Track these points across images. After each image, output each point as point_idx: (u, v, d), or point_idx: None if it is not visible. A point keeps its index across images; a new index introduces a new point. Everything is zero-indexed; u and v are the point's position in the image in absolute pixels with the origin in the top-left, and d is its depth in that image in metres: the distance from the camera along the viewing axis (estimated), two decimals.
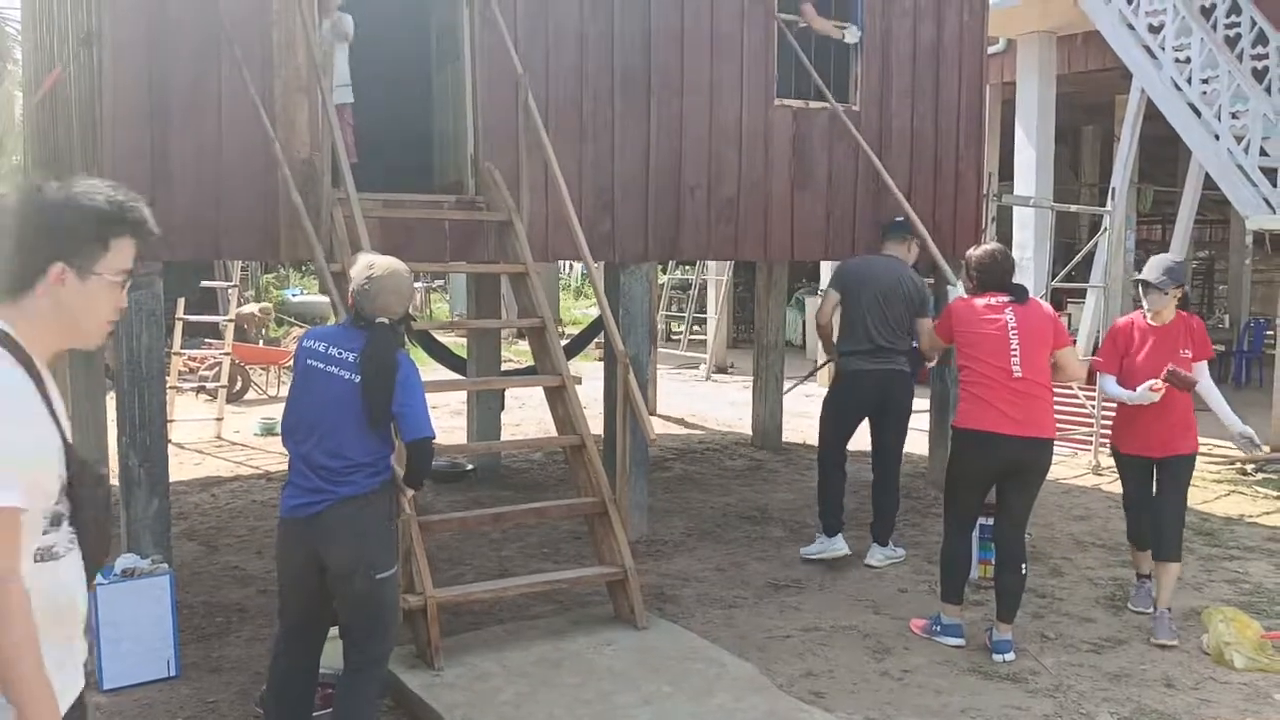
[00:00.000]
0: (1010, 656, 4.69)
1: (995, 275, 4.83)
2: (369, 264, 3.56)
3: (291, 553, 3.54)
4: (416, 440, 3.50)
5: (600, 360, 9.91)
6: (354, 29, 6.23)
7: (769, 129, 7.01)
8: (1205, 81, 9.56)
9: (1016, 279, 4.99)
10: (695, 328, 17.85)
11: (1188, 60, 9.69)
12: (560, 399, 5.52)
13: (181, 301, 10.13)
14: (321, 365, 3.49)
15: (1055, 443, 4.85)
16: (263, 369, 12.80)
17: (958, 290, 5.91)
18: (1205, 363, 5.08)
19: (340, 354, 3.47)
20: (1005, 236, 11.68)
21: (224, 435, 10.12)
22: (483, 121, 6.06)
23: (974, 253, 4.96)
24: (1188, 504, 5.29)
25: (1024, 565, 4.78)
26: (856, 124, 7.22)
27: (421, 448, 3.51)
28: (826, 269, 14.47)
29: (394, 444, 3.63)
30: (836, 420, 6.29)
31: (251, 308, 11.50)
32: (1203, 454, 8.94)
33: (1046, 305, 5.11)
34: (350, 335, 3.52)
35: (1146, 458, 5.09)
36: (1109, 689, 4.43)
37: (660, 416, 11.55)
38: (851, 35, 7.24)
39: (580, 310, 23.77)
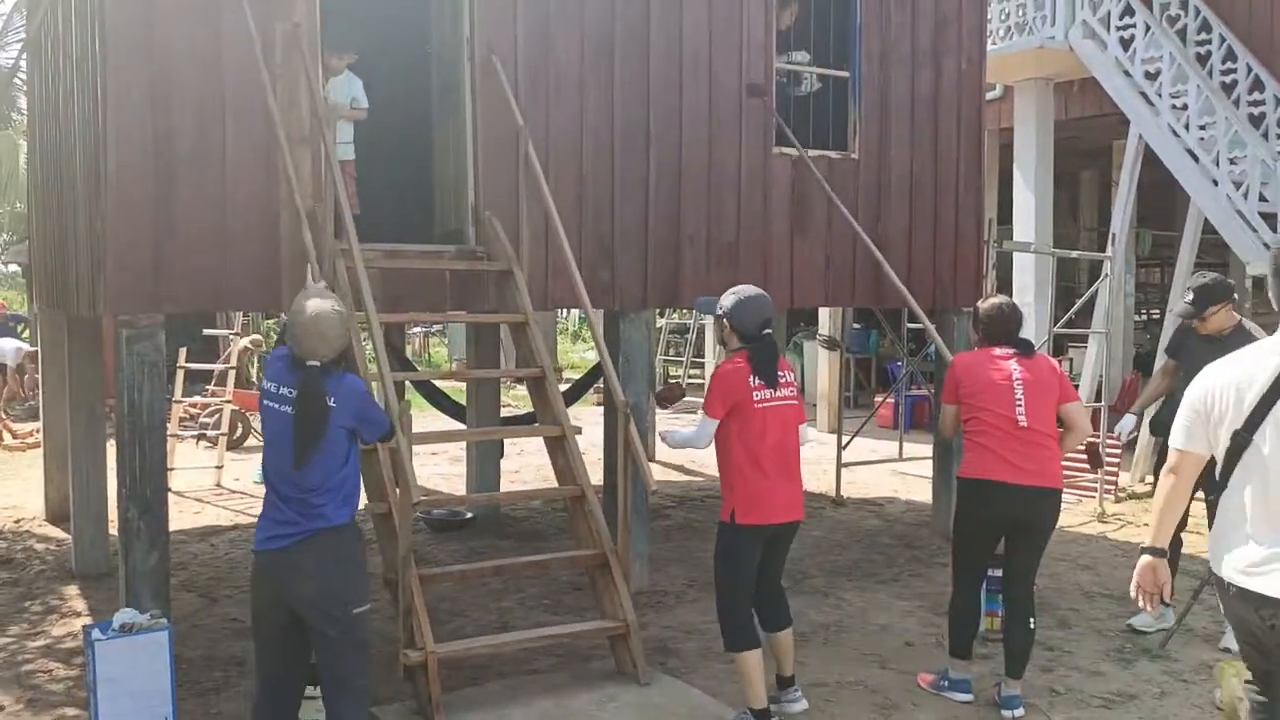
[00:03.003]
0: (1020, 712, 4.63)
1: (1002, 328, 4.81)
2: (296, 304, 3.66)
3: (263, 589, 3.61)
4: (383, 436, 3.92)
5: (600, 405, 9.89)
6: (363, 98, 6.26)
7: (768, 177, 7.04)
8: (1203, 127, 9.64)
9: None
10: (693, 371, 17.83)
11: (1185, 106, 9.77)
12: (560, 449, 5.50)
13: (183, 350, 10.11)
14: (276, 405, 3.63)
15: (1062, 494, 4.82)
16: None
17: None
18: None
19: (287, 391, 3.58)
20: (1005, 282, 11.71)
21: (224, 483, 10.08)
22: (483, 172, 6.09)
23: (982, 305, 4.95)
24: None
25: (1032, 620, 4.72)
26: (856, 171, 7.25)
27: (389, 438, 3.96)
28: (825, 314, 14.51)
29: (357, 467, 3.73)
30: None
31: (242, 342, 11.49)
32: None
33: (1052, 360, 5.08)
34: (289, 374, 3.62)
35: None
36: None
37: (659, 463, 11.49)
38: None
39: (578, 354, 23.77)
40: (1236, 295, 5.79)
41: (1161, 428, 5.93)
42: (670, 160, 6.69)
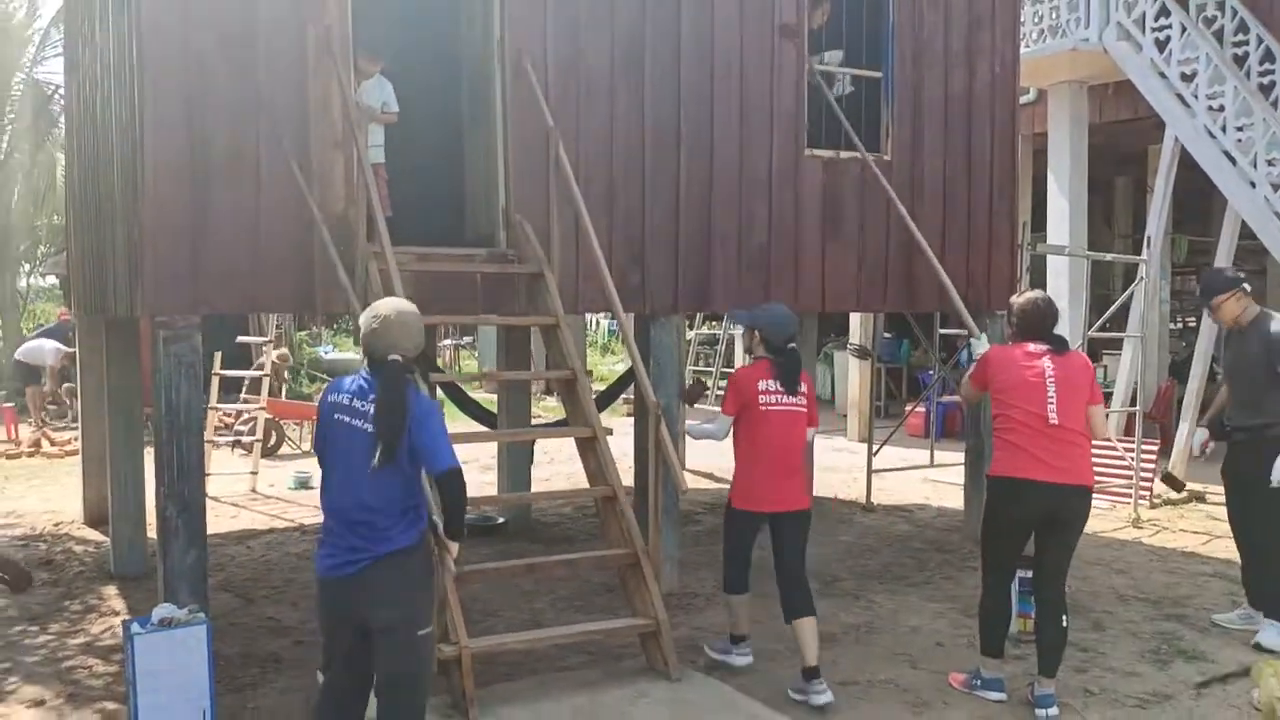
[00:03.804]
0: (1054, 711, 4.58)
1: (1036, 323, 4.78)
2: (374, 307, 3.62)
3: (331, 611, 3.56)
4: (443, 473, 3.42)
5: (630, 416, 9.92)
6: (393, 101, 6.35)
7: (799, 178, 7.05)
8: (1240, 129, 9.55)
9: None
10: (723, 383, 17.82)
11: (1221, 108, 9.68)
12: (592, 450, 5.52)
13: (218, 357, 10.24)
14: (347, 419, 3.48)
15: (1093, 493, 4.78)
16: (296, 424, 12.89)
17: (981, 344, 5.87)
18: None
19: (362, 405, 3.45)
20: (1039, 287, 11.61)
21: (259, 489, 10.18)
22: (514, 174, 6.14)
23: (1016, 299, 4.93)
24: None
25: (1064, 617, 4.68)
26: (888, 174, 7.24)
27: (450, 480, 3.43)
28: (856, 323, 14.46)
29: (425, 492, 3.60)
30: None
31: (270, 355, 11.61)
32: None
33: (1085, 357, 5.05)
34: (368, 385, 3.48)
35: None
36: None
37: (689, 470, 11.48)
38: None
39: (607, 366, 23.83)
40: (1247, 286, 5.78)
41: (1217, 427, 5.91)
42: (701, 162, 6.71)
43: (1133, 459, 9.02)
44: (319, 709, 3.68)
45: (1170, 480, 8.90)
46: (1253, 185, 9.41)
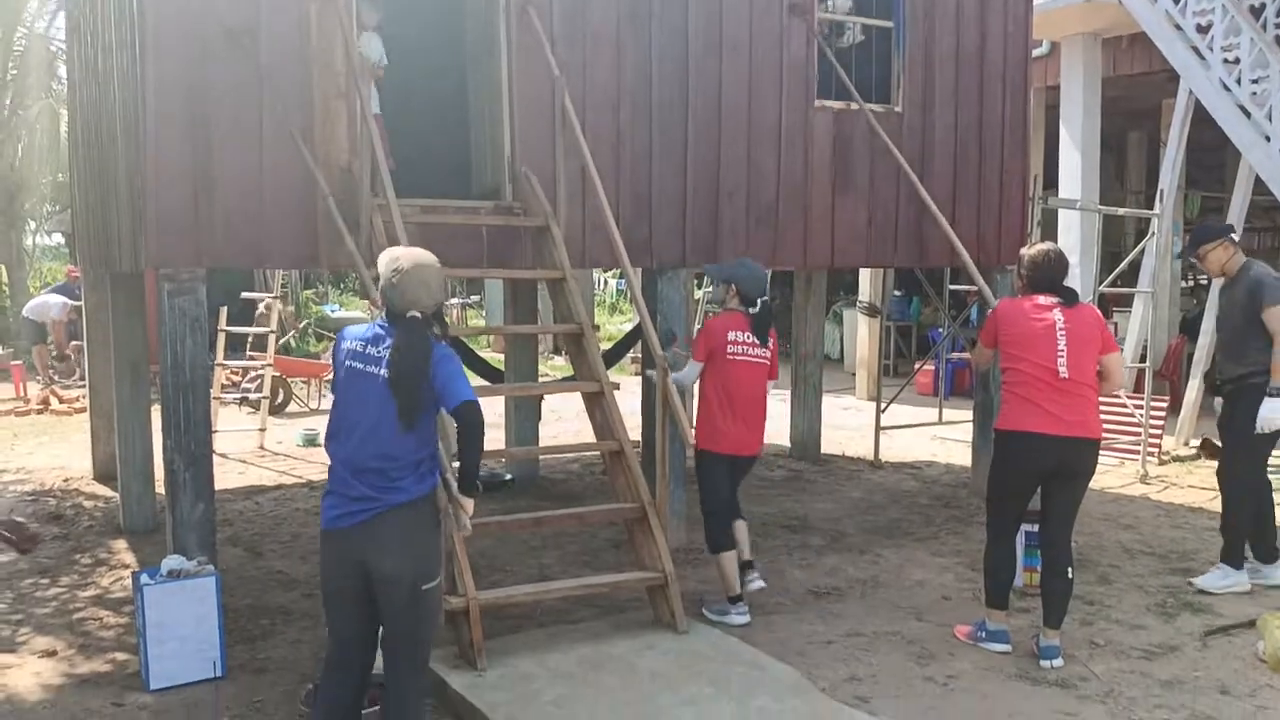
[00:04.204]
0: (1058, 662, 4.60)
1: (1047, 275, 4.73)
2: (394, 258, 3.47)
3: (337, 564, 3.43)
4: (460, 406, 3.33)
5: (637, 375, 9.89)
6: (384, 56, 6.27)
7: (809, 131, 6.97)
8: (1255, 82, 9.40)
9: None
10: None
11: (1237, 60, 9.53)
12: (598, 405, 5.51)
13: (223, 313, 10.22)
14: (361, 365, 3.41)
15: (1101, 447, 4.75)
16: (304, 382, 12.90)
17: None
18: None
19: (377, 352, 3.39)
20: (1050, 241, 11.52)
21: (266, 446, 10.21)
22: (519, 126, 6.07)
23: (1027, 251, 4.88)
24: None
25: (1070, 570, 4.68)
26: (899, 126, 7.15)
27: (467, 414, 3.33)
28: (866, 280, 14.38)
29: (437, 442, 3.53)
30: None
31: (275, 309, 11.56)
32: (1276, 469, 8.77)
33: (1095, 310, 5.00)
34: (384, 333, 3.42)
35: None
36: (1161, 696, 4.33)
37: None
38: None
39: (615, 326, 23.76)
40: (1235, 236, 5.79)
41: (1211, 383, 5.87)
42: (709, 114, 6.63)
43: (1141, 415, 8.98)
44: (326, 676, 3.57)
45: (1209, 448, 8.92)
46: (1267, 139, 9.28)
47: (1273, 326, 5.41)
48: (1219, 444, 5.92)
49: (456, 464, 3.45)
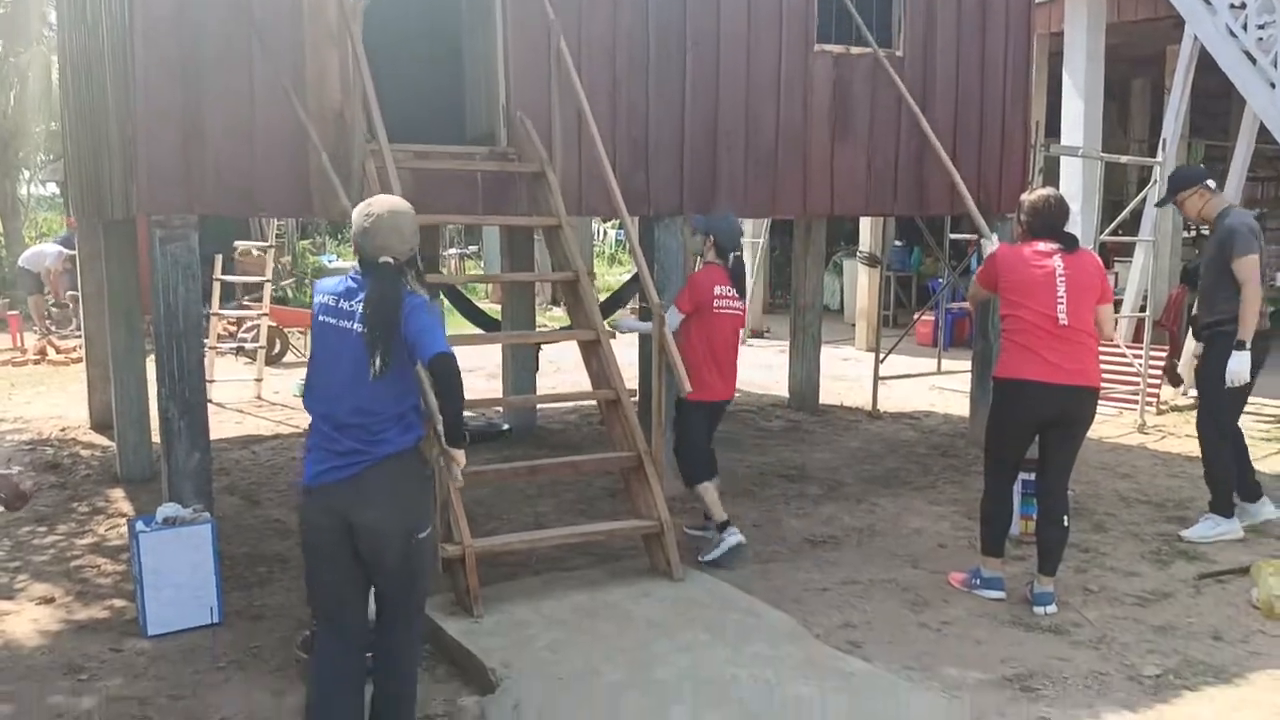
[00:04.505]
0: (1052, 609, 4.61)
1: (1047, 221, 4.69)
2: (367, 203, 3.39)
3: (323, 522, 3.29)
4: (434, 359, 3.21)
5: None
6: None
7: (808, 76, 6.86)
8: (1261, 27, 9.25)
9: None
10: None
11: (1243, 5, 9.38)
12: (594, 353, 5.48)
13: (219, 262, 10.16)
14: (334, 320, 3.31)
15: (1100, 397, 4.73)
16: (300, 332, 12.87)
17: (992, 244, 5.78)
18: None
19: (350, 306, 3.28)
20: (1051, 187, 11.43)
21: (263, 396, 10.21)
22: (514, 70, 5.98)
23: (1028, 196, 4.82)
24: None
25: (1066, 518, 4.69)
26: (899, 71, 7.04)
27: (442, 365, 3.21)
28: (866, 230, 14.30)
29: (419, 392, 3.45)
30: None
31: (271, 259, 11.48)
32: (1251, 412, 8.77)
33: (1096, 257, 4.95)
34: (356, 285, 3.30)
35: None
36: (1154, 641, 4.35)
37: None
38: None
39: (614, 277, 23.67)
40: (1211, 183, 5.77)
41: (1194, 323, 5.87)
42: (707, 58, 6.53)
43: (1140, 365, 8.96)
44: (319, 660, 3.41)
45: (1171, 374, 8.98)
46: (1272, 86, 9.16)
47: (1241, 276, 5.39)
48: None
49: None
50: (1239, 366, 5.39)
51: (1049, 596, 4.63)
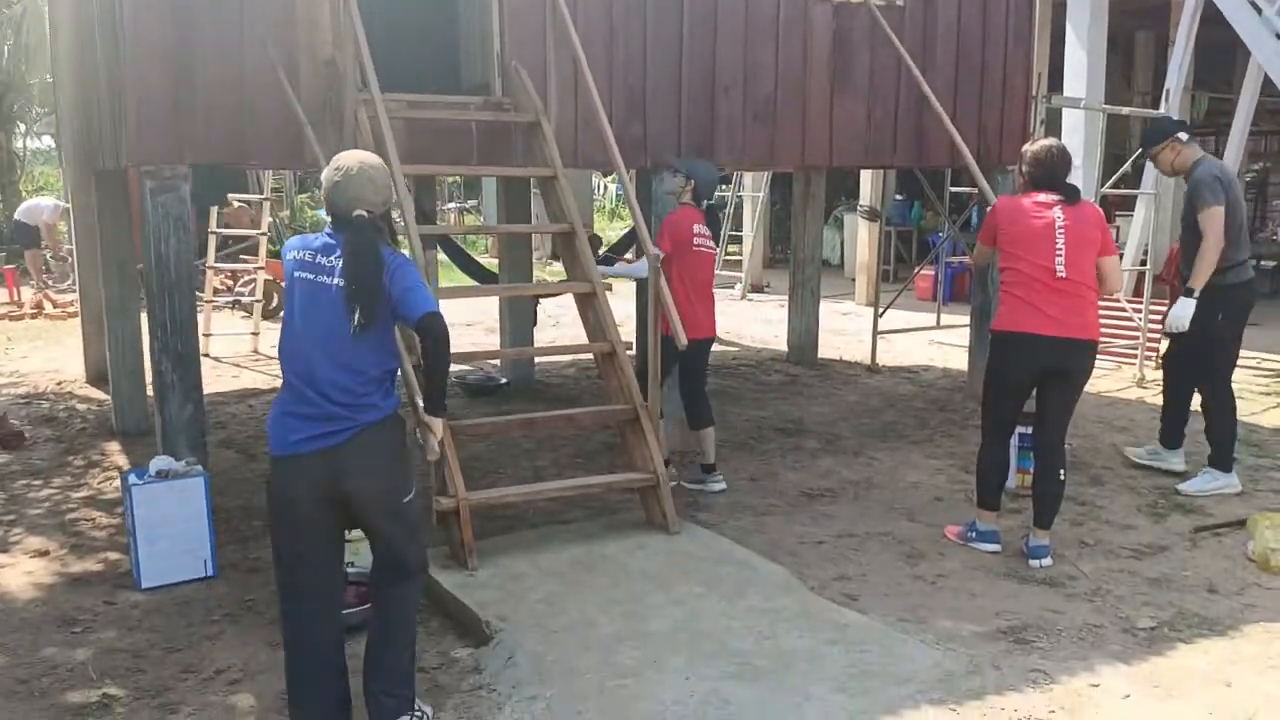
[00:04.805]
0: (1047, 562, 4.61)
1: (1049, 172, 4.62)
2: (335, 159, 3.25)
3: (300, 494, 3.12)
4: (423, 318, 3.07)
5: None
6: None
7: (808, 25, 6.74)
8: None
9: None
10: (731, 247, 17.59)
11: None
12: (590, 306, 5.44)
13: (214, 214, 10.07)
14: (311, 276, 3.13)
15: (1099, 350, 4.69)
16: None
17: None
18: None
19: (328, 262, 3.11)
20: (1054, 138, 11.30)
21: (260, 350, 10.17)
22: (509, 18, 5.88)
23: (1030, 147, 4.75)
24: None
25: (1063, 472, 4.67)
26: (900, 19, 6.93)
27: (431, 326, 3.07)
28: (866, 184, 14.18)
29: (400, 355, 3.33)
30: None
31: (267, 212, 11.38)
32: (1250, 366, 8.75)
33: (1097, 208, 4.88)
34: (334, 241, 3.14)
35: None
36: (1149, 594, 4.35)
37: None
38: None
39: (615, 231, 23.54)
40: (1183, 135, 5.67)
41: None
42: (705, 7, 6.41)
43: (1140, 319, 8.92)
44: (294, 644, 3.25)
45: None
46: (1277, 37, 9.03)
47: (1203, 226, 5.35)
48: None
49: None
50: (1183, 310, 5.40)
51: (1044, 550, 4.63)
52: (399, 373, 3.34)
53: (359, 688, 3.30)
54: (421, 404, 3.31)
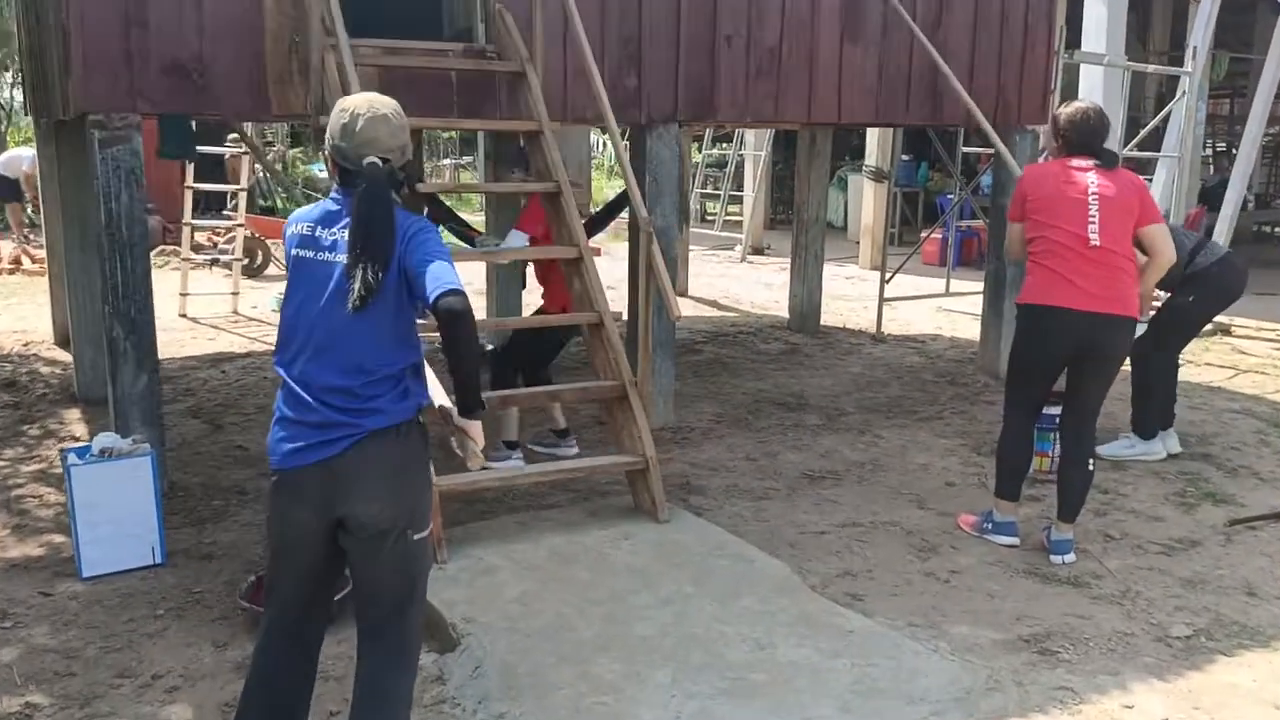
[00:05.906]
0: (1070, 558, 4.23)
1: (1085, 136, 4.18)
2: (341, 104, 2.69)
3: (294, 516, 2.62)
4: (442, 296, 2.45)
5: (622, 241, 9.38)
6: None
7: None
8: None
9: None
10: (731, 208, 17.12)
11: None
12: (577, 273, 5.03)
13: (191, 169, 9.60)
14: (312, 253, 2.59)
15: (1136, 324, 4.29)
16: (280, 242, 12.37)
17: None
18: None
19: (331, 235, 2.58)
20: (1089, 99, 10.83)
21: (240, 310, 9.76)
22: None
23: (1064, 109, 4.30)
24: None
25: (1092, 461, 4.29)
26: None
27: (453, 308, 2.44)
28: (873, 144, 13.69)
29: (420, 347, 2.68)
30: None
31: (246, 168, 10.91)
32: (1271, 339, 8.36)
33: (1135, 175, 4.44)
34: (339, 207, 2.61)
35: None
36: (1182, 596, 3.97)
37: (691, 298, 11.04)
38: None
39: (614, 191, 23.07)
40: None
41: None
42: None
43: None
44: (262, 656, 2.73)
45: None
46: None
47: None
48: None
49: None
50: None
51: (1068, 545, 4.25)
52: (420, 369, 2.70)
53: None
54: (436, 404, 2.68)
